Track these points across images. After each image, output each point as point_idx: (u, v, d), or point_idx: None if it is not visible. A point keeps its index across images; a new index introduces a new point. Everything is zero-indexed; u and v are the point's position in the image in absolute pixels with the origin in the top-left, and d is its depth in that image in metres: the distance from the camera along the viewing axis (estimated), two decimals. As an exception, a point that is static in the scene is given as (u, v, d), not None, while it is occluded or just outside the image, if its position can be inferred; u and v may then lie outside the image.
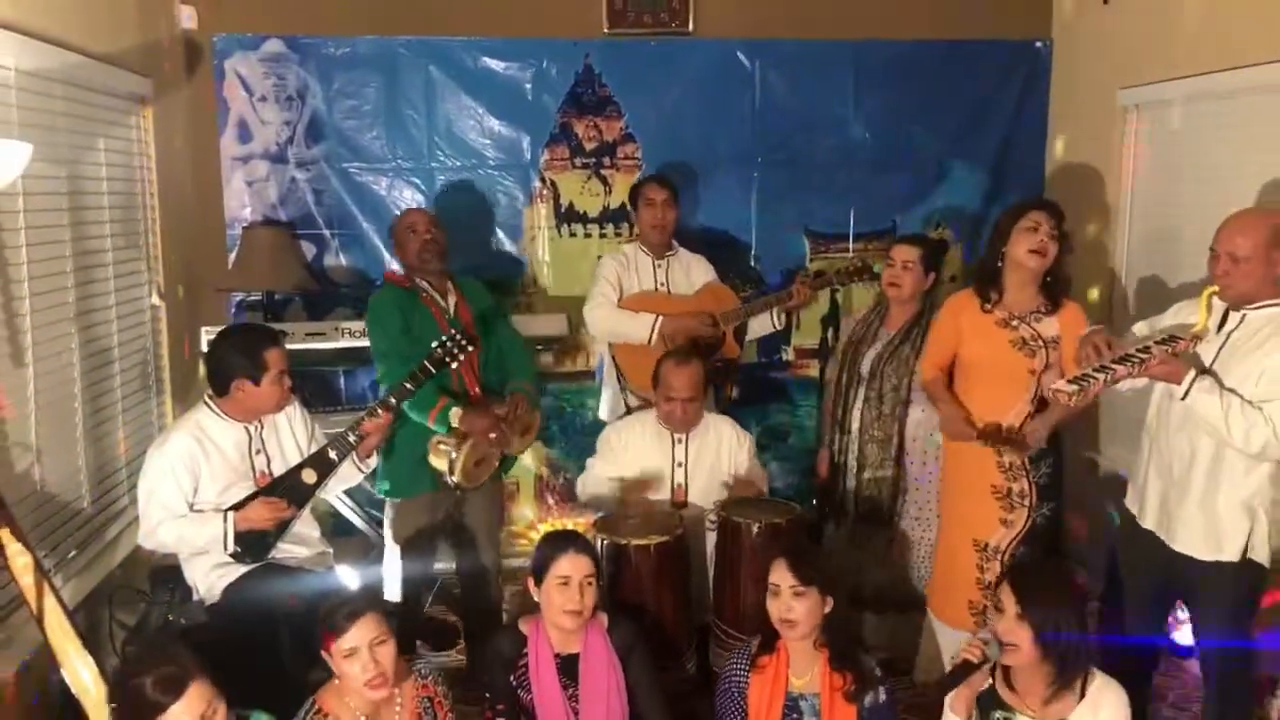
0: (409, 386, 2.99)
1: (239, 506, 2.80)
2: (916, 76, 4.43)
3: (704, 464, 3.40)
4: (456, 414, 3.20)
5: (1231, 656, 2.64)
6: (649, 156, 4.40)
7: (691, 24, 4.34)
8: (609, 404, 3.92)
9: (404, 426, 3.23)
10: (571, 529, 3.32)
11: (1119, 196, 4.04)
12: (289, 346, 3.06)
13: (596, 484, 3.47)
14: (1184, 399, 2.50)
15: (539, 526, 4.46)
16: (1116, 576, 2.88)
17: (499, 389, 3.43)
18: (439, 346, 3.03)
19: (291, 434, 3.00)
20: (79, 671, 2.20)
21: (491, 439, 3.25)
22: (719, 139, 4.41)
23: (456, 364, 3.07)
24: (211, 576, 2.84)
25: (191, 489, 2.80)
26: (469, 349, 3.05)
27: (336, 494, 3.65)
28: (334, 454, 2.94)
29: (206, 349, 3.15)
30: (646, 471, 3.41)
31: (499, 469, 3.48)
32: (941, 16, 4.41)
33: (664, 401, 3.35)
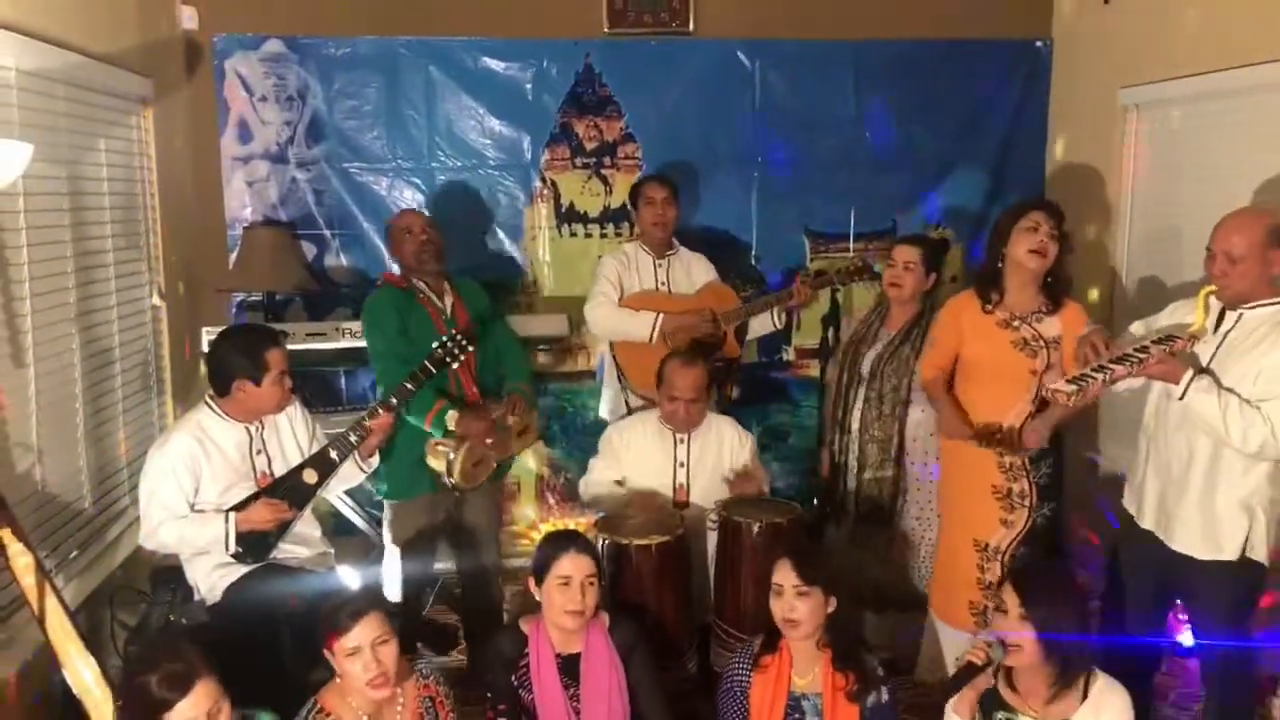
0: (409, 386, 3.00)
1: (240, 507, 2.80)
2: (917, 76, 4.43)
3: (706, 464, 3.40)
4: (453, 417, 3.20)
5: (1231, 656, 2.64)
6: (649, 156, 4.40)
7: (692, 24, 4.34)
8: (610, 404, 3.92)
9: (402, 428, 3.23)
10: (572, 529, 3.33)
11: (1119, 196, 4.04)
12: (290, 347, 3.07)
13: (598, 484, 3.47)
14: (1182, 399, 2.50)
15: (540, 526, 4.46)
16: (1117, 576, 2.88)
17: (496, 390, 3.44)
18: (440, 346, 3.03)
19: (292, 434, 3.00)
20: (80, 672, 2.19)
21: (488, 444, 3.26)
22: (719, 139, 4.41)
23: (457, 364, 3.07)
24: (213, 577, 2.84)
25: (192, 489, 2.79)
26: (469, 349, 3.06)
27: (338, 494, 3.65)
28: (335, 454, 2.94)
29: (207, 349, 3.15)
30: (648, 471, 3.41)
31: (498, 469, 3.48)
32: (941, 16, 4.41)
33: (667, 402, 3.35)
